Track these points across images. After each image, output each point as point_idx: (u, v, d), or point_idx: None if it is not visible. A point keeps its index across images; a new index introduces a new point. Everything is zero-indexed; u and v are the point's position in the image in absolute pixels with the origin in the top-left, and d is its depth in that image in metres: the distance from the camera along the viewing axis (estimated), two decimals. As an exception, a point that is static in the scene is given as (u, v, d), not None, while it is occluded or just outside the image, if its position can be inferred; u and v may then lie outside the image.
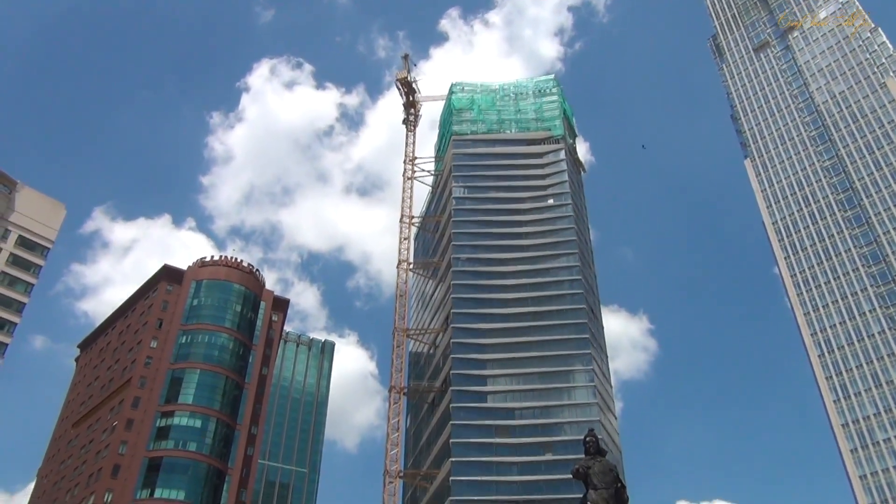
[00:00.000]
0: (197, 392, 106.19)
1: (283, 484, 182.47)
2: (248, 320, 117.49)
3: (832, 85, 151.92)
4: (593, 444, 32.29)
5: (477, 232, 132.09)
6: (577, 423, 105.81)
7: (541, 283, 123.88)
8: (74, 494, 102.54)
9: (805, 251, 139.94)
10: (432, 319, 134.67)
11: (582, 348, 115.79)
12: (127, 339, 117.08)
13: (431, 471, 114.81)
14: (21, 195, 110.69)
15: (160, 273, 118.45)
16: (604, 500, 30.09)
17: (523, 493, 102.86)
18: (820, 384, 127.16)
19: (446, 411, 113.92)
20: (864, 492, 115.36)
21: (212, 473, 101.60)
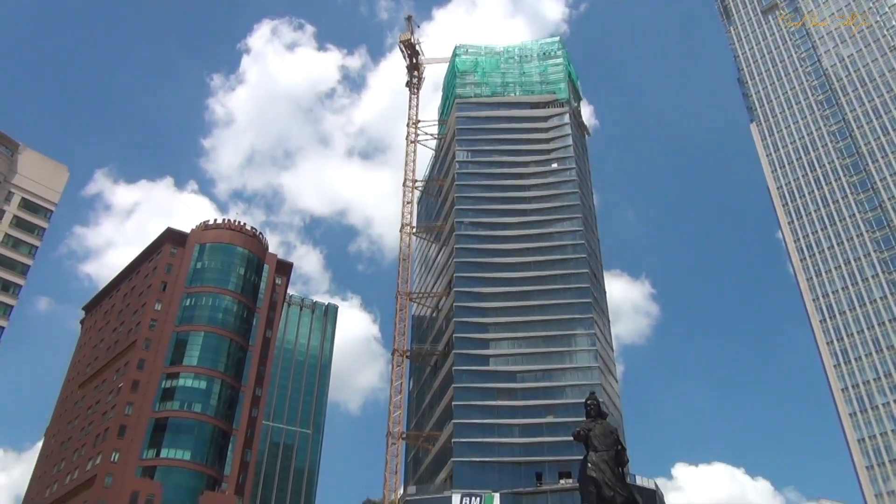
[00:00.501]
0: (201, 354, 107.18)
1: (287, 445, 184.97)
2: (252, 283, 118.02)
3: (840, 48, 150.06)
4: (594, 407, 32.63)
5: (480, 196, 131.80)
6: (579, 386, 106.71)
7: (544, 248, 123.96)
8: (82, 454, 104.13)
9: (809, 216, 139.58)
10: (435, 283, 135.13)
11: (584, 312, 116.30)
12: (131, 301, 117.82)
13: (434, 432, 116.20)
14: (23, 157, 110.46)
15: (164, 236, 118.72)
16: (604, 462, 30.49)
17: (524, 454, 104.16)
18: (821, 349, 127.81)
19: (449, 374, 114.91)
20: (861, 455, 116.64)
21: (217, 434, 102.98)
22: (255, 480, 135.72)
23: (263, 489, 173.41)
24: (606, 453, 30.79)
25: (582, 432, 31.50)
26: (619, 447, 31.40)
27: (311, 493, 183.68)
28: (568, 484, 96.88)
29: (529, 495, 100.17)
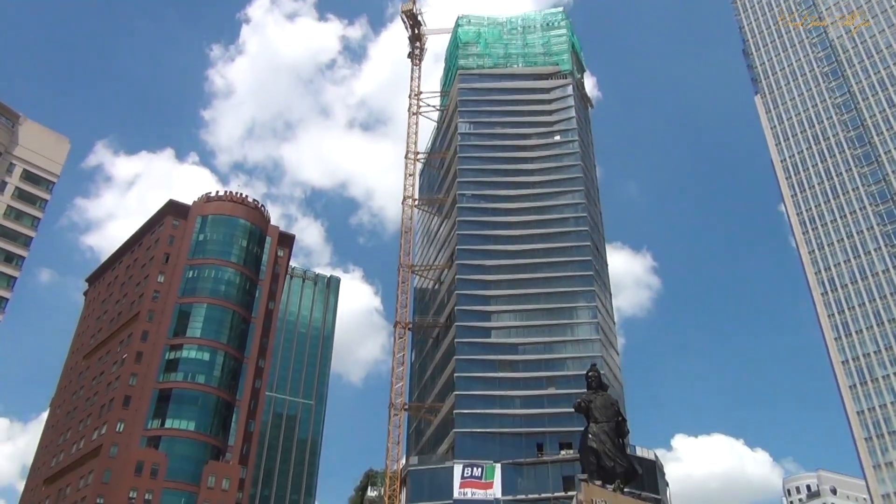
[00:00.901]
0: (205, 326, 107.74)
1: (290, 416, 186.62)
2: (254, 255, 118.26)
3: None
4: (595, 379, 32.96)
5: (482, 168, 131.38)
6: (580, 358, 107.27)
7: (546, 220, 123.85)
8: (87, 424, 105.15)
9: (812, 189, 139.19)
10: (437, 255, 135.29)
11: (586, 285, 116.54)
12: (134, 273, 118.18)
13: (436, 404, 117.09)
14: (24, 128, 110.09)
15: (166, 208, 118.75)
16: (605, 433, 30.84)
17: (526, 426, 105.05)
18: (822, 322, 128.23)
19: (451, 346, 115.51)
20: (861, 426, 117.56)
21: (220, 405, 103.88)
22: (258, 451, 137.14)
23: (267, 459, 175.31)
24: (607, 424, 31.14)
25: (583, 404, 31.82)
26: (619, 418, 31.74)
27: (314, 464, 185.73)
28: (569, 454, 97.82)
29: (530, 466, 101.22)
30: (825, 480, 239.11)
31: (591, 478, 29.68)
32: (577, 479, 28.18)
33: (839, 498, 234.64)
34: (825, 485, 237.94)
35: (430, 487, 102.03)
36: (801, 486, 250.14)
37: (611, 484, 29.77)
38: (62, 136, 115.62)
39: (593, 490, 28.83)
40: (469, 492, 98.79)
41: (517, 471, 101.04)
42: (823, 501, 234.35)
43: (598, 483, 29.47)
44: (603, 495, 28.80)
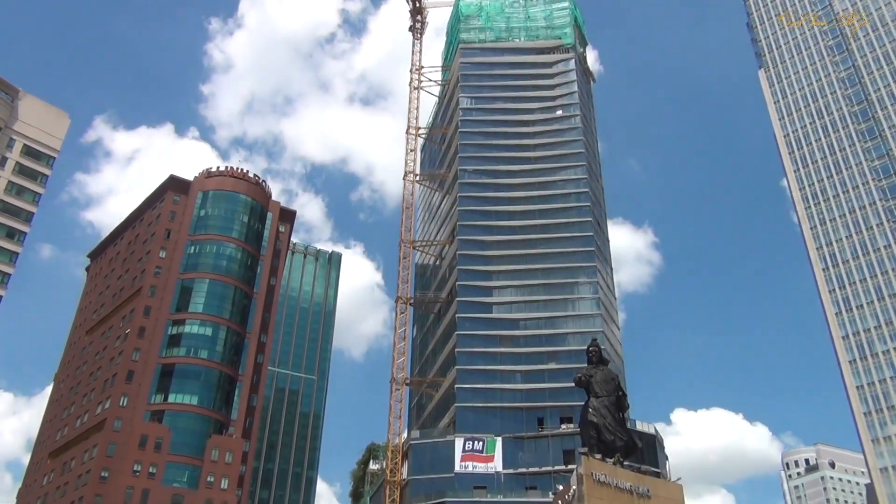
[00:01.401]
0: (207, 301, 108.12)
1: (292, 390, 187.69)
2: (256, 231, 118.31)
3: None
4: (596, 354, 33.20)
5: (484, 143, 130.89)
6: (581, 333, 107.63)
7: (547, 196, 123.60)
8: (91, 398, 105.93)
9: (815, 164, 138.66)
10: (438, 231, 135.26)
11: (587, 261, 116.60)
12: (136, 248, 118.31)
13: (437, 378, 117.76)
14: (24, 103, 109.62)
15: (166, 183, 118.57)
16: (605, 408, 31.12)
17: (527, 400, 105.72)
18: (822, 297, 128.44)
19: (452, 321, 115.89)
20: (860, 401, 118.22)
21: (223, 380, 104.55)
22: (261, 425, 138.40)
23: (270, 433, 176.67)
24: (607, 399, 31.41)
25: (583, 378, 32.08)
26: (619, 393, 32.01)
27: (316, 438, 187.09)
28: (569, 429, 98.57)
29: (531, 439, 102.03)
30: (823, 454, 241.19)
31: (591, 451, 29.98)
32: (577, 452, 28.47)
33: (837, 471, 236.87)
34: (823, 458, 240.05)
35: (432, 461, 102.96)
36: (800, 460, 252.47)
37: (611, 457, 30.07)
38: (62, 111, 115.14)
39: (593, 463, 29.12)
40: (470, 465, 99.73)
41: (518, 444, 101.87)
42: (822, 475, 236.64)
43: (599, 457, 29.77)
44: (603, 469, 29.11)
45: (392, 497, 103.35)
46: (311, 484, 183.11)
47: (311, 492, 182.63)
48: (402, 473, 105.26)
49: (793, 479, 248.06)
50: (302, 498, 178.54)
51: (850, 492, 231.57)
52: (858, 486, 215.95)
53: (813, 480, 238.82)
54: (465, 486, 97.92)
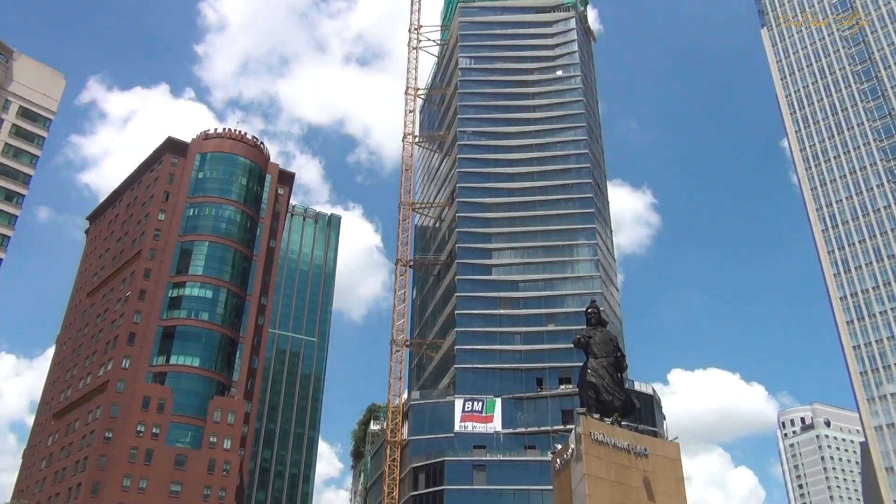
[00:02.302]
0: (206, 263, 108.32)
1: (293, 352, 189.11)
2: (255, 193, 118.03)
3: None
4: (595, 316, 33.36)
5: (483, 104, 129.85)
6: (580, 295, 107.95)
7: (547, 157, 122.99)
8: (93, 360, 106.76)
9: (817, 124, 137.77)
10: (438, 193, 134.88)
11: (586, 222, 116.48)
12: (135, 211, 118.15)
13: (437, 340, 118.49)
14: (18, 64, 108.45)
15: (164, 145, 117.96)
16: (603, 368, 31.38)
17: (526, 361, 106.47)
18: (821, 258, 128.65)
19: (451, 283, 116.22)
20: (856, 361, 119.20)
21: (224, 342, 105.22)
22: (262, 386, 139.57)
23: (271, 394, 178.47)
24: (606, 360, 31.66)
25: (582, 339, 32.28)
26: (618, 354, 32.25)
27: (317, 399, 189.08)
28: (568, 389, 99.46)
29: (530, 400, 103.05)
30: (819, 413, 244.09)
31: (589, 411, 30.30)
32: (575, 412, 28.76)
33: (832, 430, 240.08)
34: (819, 417, 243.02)
35: (432, 421, 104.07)
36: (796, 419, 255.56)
37: (609, 417, 30.40)
38: (56, 72, 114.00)
39: (592, 423, 29.46)
40: (470, 425, 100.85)
41: (517, 405, 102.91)
42: (817, 433, 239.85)
43: (597, 416, 30.10)
44: (601, 428, 29.46)
45: (392, 457, 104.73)
46: (313, 444, 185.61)
47: (313, 451, 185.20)
48: (402, 433, 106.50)
49: (788, 437, 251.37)
50: (304, 458, 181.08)
51: (845, 450, 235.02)
52: (853, 445, 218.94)
53: (808, 439, 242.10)
54: (464, 445, 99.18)
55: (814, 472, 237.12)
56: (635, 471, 29.25)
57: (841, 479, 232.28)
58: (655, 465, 29.91)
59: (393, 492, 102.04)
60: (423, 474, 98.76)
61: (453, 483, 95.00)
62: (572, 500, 28.61)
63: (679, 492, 30.07)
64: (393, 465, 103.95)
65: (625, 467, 29.05)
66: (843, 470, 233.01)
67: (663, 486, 29.50)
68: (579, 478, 28.29)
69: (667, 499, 29.35)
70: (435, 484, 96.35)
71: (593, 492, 27.72)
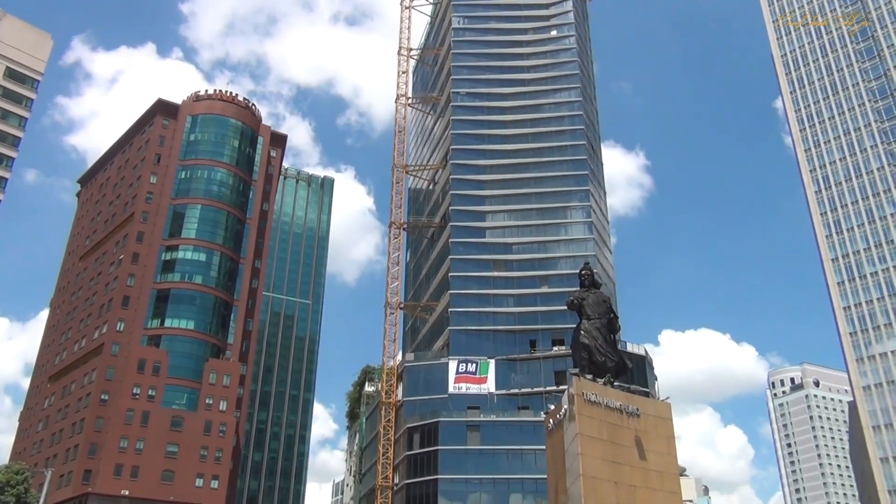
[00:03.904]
0: (199, 227, 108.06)
1: (287, 315, 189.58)
2: (247, 156, 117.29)
3: None
4: (588, 278, 33.53)
5: (477, 65, 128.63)
6: (573, 257, 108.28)
7: (541, 119, 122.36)
8: (88, 324, 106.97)
9: (812, 85, 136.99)
10: (431, 155, 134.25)
11: (580, 185, 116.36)
12: (126, 174, 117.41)
13: (431, 303, 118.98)
14: (4, 24, 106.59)
15: (155, 107, 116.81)
16: (596, 329, 31.62)
17: (519, 323, 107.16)
18: (814, 219, 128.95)
19: (445, 246, 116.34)
20: (846, 322, 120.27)
21: (219, 305, 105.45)
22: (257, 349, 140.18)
23: (266, 357, 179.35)
24: (599, 321, 31.89)
25: (576, 301, 32.48)
26: (611, 315, 32.50)
27: (312, 361, 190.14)
28: (561, 350, 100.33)
29: (523, 361, 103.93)
30: (809, 374, 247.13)
31: (582, 372, 30.63)
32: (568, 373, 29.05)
33: (821, 390, 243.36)
34: (808, 378, 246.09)
35: (426, 382, 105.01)
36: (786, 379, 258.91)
37: (601, 378, 30.75)
38: (43, 32, 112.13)
39: (584, 384, 29.80)
40: (463, 386, 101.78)
41: (510, 366, 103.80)
42: (806, 393, 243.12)
43: (590, 377, 30.44)
44: (594, 389, 29.80)
45: (387, 417, 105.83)
46: (308, 405, 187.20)
47: (308, 413, 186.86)
48: (396, 395, 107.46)
49: (778, 397, 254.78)
50: (299, 419, 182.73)
51: (833, 409, 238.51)
52: (841, 404, 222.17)
53: (797, 399, 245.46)
54: (458, 406, 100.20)
55: (802, 430, 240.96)
56: (627, 430, 29.68)
57: (829, 437, 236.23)
58: (647, 425, 30.36)
59: (388, 452, 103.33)
60: (417, 434, 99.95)
61: (447, 443, 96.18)
62: (565, 460, 29.05)
63: (670, 450, 30.57)
64: (388, 426, 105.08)
65: (617, 427, 29.47)
66: (832, 429, 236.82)
67: (654, 445, 29.98)
68: (572, 437, 28.69)
69: (658, 457, 29.85)
70: (429, 444, 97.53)
71: (586, 451, 28.15)
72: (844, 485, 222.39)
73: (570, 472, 28.45)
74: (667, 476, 29.91)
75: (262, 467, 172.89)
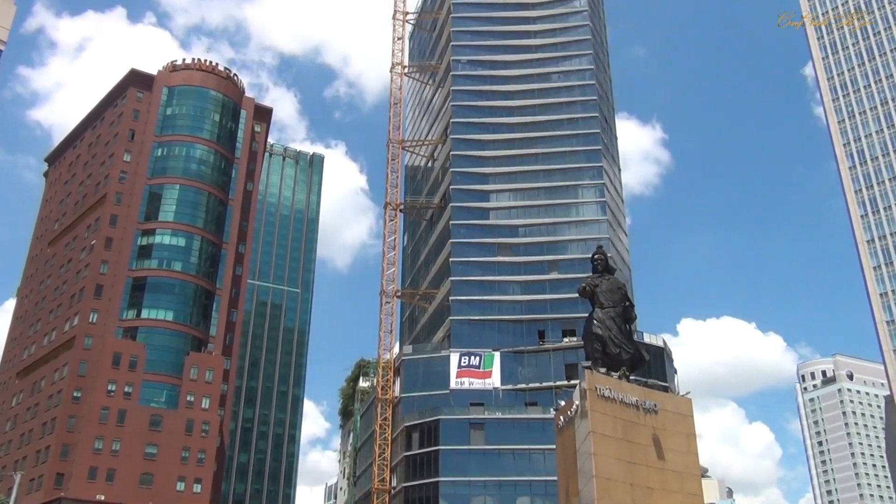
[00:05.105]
0: (178, 209, 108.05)
1: (274, 304, 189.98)
2: (229, 131, 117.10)
3: None
4: (602, 262, 33.51)
5: (480, 30, 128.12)
6: (585, 240, 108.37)
7: (550, 89, 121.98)
8: (58, 315, 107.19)
9: (846, 50, 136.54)
10: (430, 129, 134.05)
11: (593, 161, 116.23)
12: (98, 151, 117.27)
13: (430, 290, 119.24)
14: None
15: (128, 78, 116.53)
16: (610, 319, 31.65)
17: (526, 312, 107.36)
18: (847, 198, 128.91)
19: (446, 228, 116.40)
20: (883, 309, 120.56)
21: (200, 293, 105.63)
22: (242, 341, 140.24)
23: (252, 350, 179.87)
24: (613, 310, 31.90)
25: (588, 288, 32.49)
26: (626, 303, 32.49)
27: (301, 354, 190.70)
28: (572, 342, 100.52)
29: (531, 354, 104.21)
30: (842, 366, 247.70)
31: (595, 365, 30.70)
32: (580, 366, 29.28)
33: (855, 383, 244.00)
34: (841, 370, 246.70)
35: (426, 377, 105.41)
36: (816, 372, 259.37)
37: (616, 371, 30.82)
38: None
39: (597, 378, 29.90)
40: (466, 381, 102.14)
41: (517, 359, 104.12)
42: (839, 387, 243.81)
43: (603, 370, 30.52)
44: (608, 383, 29.90)
45: (384, 415, 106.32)
46: (298, 402, 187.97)
47: (298, 410, 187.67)
48: (393, 391, 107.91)
49: (808, 391, 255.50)
50: (288, 417, 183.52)
51: (869, 404, 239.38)
52: (877, 399, 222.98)
53: (829, 393, 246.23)
54: (461, 403, 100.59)
55: (834, 427, 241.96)
56: (644, 428, 29.81)
57: (863, 435, 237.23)
58: (665, 422, 30.47)
59: (385, 452, 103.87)
60: (416, 433, 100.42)
61: (449, 442, 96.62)
62: (576, 460, 29.23)
63: (690, 449, 30.71)
64: (384, 424, 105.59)
65: (633, 424, 29.59)
66: (867, 426, 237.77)
67: (674, 444, 30.12)
68: (584, 436, 28.84)
69: (677, 456, 29.99)
70: (429, 444, 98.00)
71: (599, 450, 28.30)
72: (880, 486, 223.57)
73: (583, 473, 28.62)
74: (687, 477, 30.07)
75: (249, 469, 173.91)
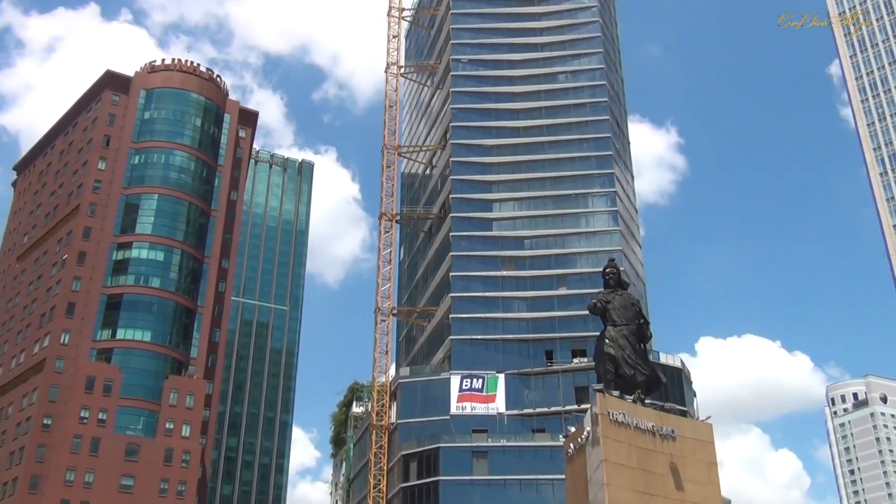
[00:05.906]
0: (156, 220, 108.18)
1: (261, 323, 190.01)
2: (211, 136, 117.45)
3: None
4: (614, 277, 33.46)
5: (482, 28, 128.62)
6: (596, 253, 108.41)
7: (557, 90, 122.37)
8: (27, 335, 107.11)
9: (876, 48, 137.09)
10: (428, 134, 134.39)
11: (604, 167, 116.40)
12: (70, 159, 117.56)
13: (429, 307, 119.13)
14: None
15: (103, 80, 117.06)
16: (624, 338, 31.54)
17: (533, 331, 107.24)
18: (878, 206, 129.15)
19: (445, 241, 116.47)
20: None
21: (180, 312, 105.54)
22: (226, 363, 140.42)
23: (237, 372, 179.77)
24: (627, 328, 31.80)
25: (599, 304, 32.42)
26: (640, 321, 32.39)
27: (290, 377, 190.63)
28: (582, 363, 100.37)
29: (538, 376, 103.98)
30: (874, 387, 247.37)
31: (607, 388, 30.58)
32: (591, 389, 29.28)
33: (890, 406, 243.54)
34: (874, 392, 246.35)
35: (424, 401, 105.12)
36: (847, 395, 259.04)
37: (630, 394, 30.70)
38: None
39: (610, 401, 29.77)
40: (468, 406, 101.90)
41: (523, 382, 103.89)
42: (871, 410, 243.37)
43: (616, 393, 30.40)
44: (621, 407, 29.77)
45: (379, 443, 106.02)
46: (286, 429, 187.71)
47: (286, 438, 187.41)
48: (389, 416, 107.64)
49: (838, 415, 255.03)
50: (275, 445, 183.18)
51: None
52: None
53: (861, 417, 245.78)
54: (462, 429, 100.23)
55: (867, 455, 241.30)
56: (661, 455, 29.67)
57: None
58: (684, 449, 30.34)
59: (380, 483, 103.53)
60: (414, 463, 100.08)
61: (450, 472, 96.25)
62: (588, 491, 29.07)
63: (711, 478, 30.55)
64: (380, 453, 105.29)
65: (649, 451, 29.46)
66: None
67: (693, 473, 29.96)
68: (596, 465, 28.71)
69: (697, 487, 29.83)
70: (429, 474, 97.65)
71: (612, 480, 28.15)
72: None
73: (595, 505, 28.49)
74: (708, 509, 29.92)
75: (233, 502, 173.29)
